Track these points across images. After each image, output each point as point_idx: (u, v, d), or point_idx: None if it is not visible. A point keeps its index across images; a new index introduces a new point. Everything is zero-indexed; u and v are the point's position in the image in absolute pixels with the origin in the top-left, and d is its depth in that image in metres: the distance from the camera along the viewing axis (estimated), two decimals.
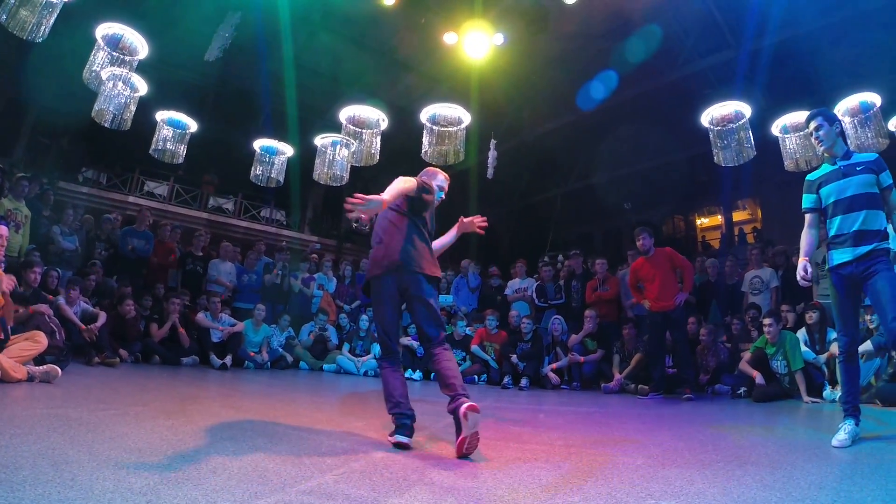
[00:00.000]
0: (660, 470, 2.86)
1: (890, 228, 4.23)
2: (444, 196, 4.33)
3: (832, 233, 4.30)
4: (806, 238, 4.53)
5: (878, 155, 4.33)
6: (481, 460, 3.02)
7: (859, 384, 4.42)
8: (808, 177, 4.60)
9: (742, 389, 7.71)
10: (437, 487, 2.41)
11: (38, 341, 5.10)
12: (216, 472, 2.36)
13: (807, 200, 4.54)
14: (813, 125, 4.44)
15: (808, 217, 4.54)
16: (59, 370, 5.10)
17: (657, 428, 4.78)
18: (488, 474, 2.69)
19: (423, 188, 3.85)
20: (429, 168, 4.40)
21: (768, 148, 9.24)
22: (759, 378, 7.29)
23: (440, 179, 4.31)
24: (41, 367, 4.99)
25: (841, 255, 4.21)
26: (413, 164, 12.90)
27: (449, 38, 12.90)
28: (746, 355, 7.73)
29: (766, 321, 7.44)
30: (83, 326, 7.53)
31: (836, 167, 4.37)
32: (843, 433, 3.83)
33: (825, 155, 4.53)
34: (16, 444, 2.56)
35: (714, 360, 8.73)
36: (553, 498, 2.30)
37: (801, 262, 4.38)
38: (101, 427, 3.18)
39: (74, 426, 3.13)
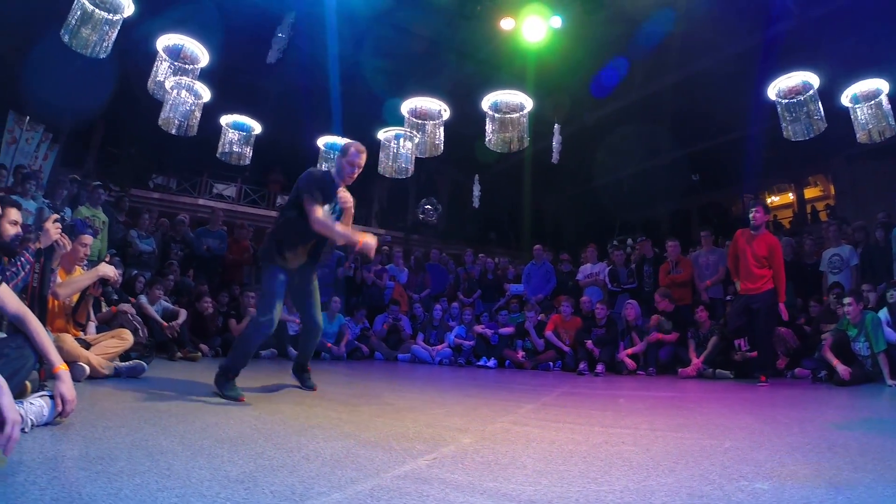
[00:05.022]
0: (748, 452, 2.77)
1: None
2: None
3: None
4: None
5: None
6: (569, 444, 2.96)
7: None
8: None
9: (823, 373, 7.26)
10: (529, 471, 2.35)
11: (125, 338, 5.21)
12: (309, 459, 2.35)
13: None
14: None
15: None
16: (145, 365, 5.23)
17: (739, 412, 4.65)
18: (578, 458, 2.63)
19: None
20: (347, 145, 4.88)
21: (838, 120, 8.80)
22: (840, 368, 6.82)
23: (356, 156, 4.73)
24: (127, 363, 5.12)
25: None
26: (476, 153, 12.98)
27: (506, 23, 12.79)
28: (828, 340, 7.39)
29: (846, 301, 7.11)
30: (165, 324, 7.76)
31: None
32: None
33: None
34: (109, 437, 2.60)
35: (782, 346, 8.43)
36: (646, 480, 2.24)
37: None
38: (191, 417, 3.22)
39: (165, 417, 3.18)
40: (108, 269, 4.69)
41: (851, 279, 8.82)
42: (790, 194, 23.97)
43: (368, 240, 4.31)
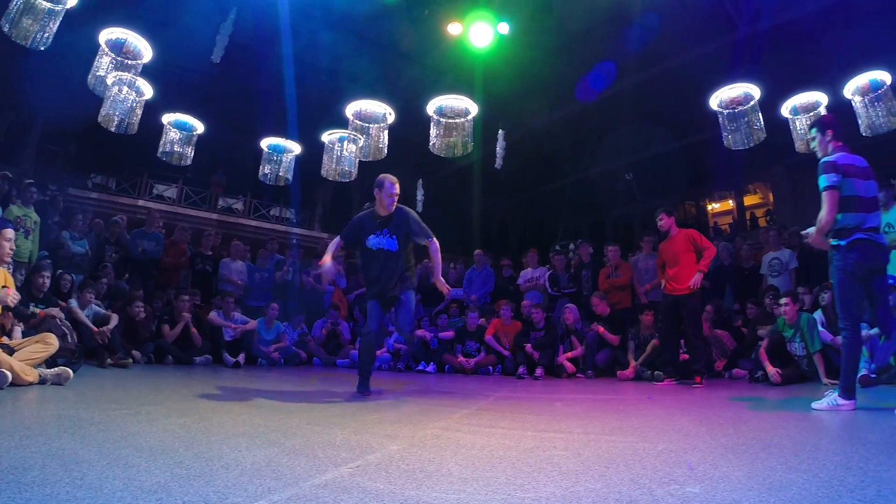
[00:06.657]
0: (682, 455, 2.79)
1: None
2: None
3: None
4: None
5: (823, 160, 4.93)
6: (499, 450, 2.96)
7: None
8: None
9: (759, 374, 7.50)
10: (454, 478, 2.34)
11: (49, 342, 5.06)
12: (228, 468, 2.32)
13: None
14: (809, 136, 5.34)
15: None
16: (71, 372, 5.06)
17: (676, 414, 4.71)
18: (507, 464, 2.62)
19: None
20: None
21: (778, 130, 9.11)
22: (771, 370, 7.07)
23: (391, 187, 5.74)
24: (53, 370, 4.96)
25: None
26: (422, 157, 12.96)
27: (453, 28, 12.84)
28: (764, 342, 7.61)
29: (783, 301, 7.36)
30: (95, 329, 7.53)
31: None
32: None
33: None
34: (25, 446, 2.53)
35: (719, 348, 8.75)
36: (574, 485, 2.24)
37: None
38: (113, 427, 3.15)
39: (85, 426, 3.11)
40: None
41: (790, 282, 9.10)
42: (730, 201, 24.71)
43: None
